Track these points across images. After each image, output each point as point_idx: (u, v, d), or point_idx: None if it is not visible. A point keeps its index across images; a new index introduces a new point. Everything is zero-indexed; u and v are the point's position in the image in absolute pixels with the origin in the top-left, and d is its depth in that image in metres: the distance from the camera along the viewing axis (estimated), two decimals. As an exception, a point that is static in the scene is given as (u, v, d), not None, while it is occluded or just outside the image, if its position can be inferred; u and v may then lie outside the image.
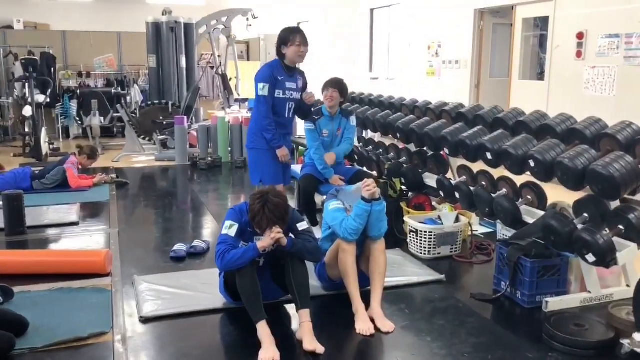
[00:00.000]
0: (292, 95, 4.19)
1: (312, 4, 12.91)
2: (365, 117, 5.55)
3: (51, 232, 4.78)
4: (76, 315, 3.12)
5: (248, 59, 13.58)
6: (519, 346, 2.90)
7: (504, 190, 3.87)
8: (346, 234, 3.13)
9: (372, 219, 3.17)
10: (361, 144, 5.92)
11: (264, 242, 2.90)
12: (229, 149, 8.21)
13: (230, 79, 10.45)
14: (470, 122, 4.30)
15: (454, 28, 8.65)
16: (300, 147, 6.93)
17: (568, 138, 3.50)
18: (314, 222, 4.58)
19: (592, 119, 3.50)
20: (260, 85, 4.07)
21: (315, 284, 3.41)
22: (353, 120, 4.85)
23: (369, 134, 6.37)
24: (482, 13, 8.27)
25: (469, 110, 4.44)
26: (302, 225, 3.12)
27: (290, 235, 3.08)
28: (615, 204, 3.23)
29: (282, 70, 4.12)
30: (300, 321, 2.87)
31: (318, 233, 3.65)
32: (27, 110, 8.40)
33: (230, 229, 2.99)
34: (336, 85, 4.61)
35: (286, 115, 4.25)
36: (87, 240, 4.55)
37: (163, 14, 9.51)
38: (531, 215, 3.60)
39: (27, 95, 8.64)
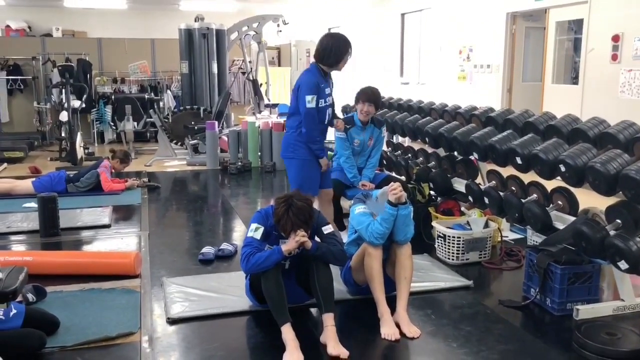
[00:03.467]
0: (329, 101, 4.09)
1: (342, 10, 12.94)
2: (394, 122, 5.53)
3: (84, 234, 4.88)
4: (105, 315, 3.17)
5: (279, 65, 13.68)
6: (548, 354, 2.84)
7: (534, 195, 3.80)
8: (372, 238, 3.12)
9: (399, 223, 3.14)
10: (390, 148, 5.90)
11: (288, 246, 2.91)
12: (259, 153, 8.26)
13: (261, 84, 10.53)
14: (500, 126, 4.25)
15: (485, 32, 8.55)
16: (329, 152, 6.95)
17: (600, 142, 3.43)
18: (341, 227, 4.58)
19: (625, 123, 3.42)
20: (309, 97, 3.93)
21: (340, 288, 3.41)
22: (384, 131, 4.85)
23: (398, 138, 6.34)
24: (515, 17, 8.15)
25: (499, 115, 4.38)
26: (328, 229, 3.12)
27: (316, 238, 3.08)
28: (649, 210, 3.14)
29: (321, 77, 4.00)
30: (325, 325, 2.86)
31: (345, 237, 3.64)
32: (64, 116, 8.61)
33: (256, 231, 3.01)
34: (372, 99, 4.52)
35: (326, 122, 4.13)
36: (118, 243, 4.63)
37: (195, 21, 9.65)
38: (562, 221, 3.53)
39: (64, 100, 8.85)
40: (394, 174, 5.45)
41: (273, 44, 12.91)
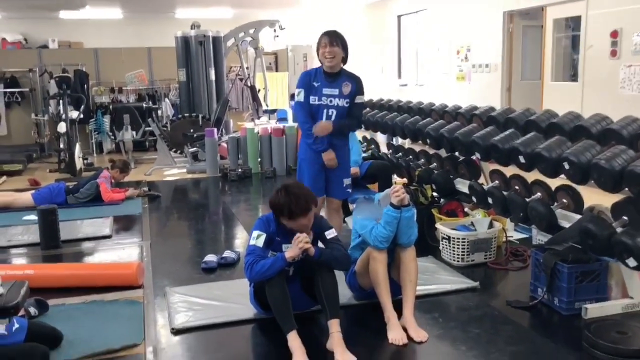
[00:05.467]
0: (331, 101, 3.92)
1: (338, 14, 12.93)
2: (394, 124, 5.50)
3: (85, 245, 4.84)
4: (109, 327, 3.14)
5: (276, 70, 13.65)
6: (558, 355, 2.81)
7: (539, 194, 3.77)
8: (376, 241, 3.08)
9: (402, 225, 3.11)
10: (391, 150, 5.87)
11: (292, 252, 2.87)
12: (259, 159, 8.23)
13: (259, 90, 10.50)
14: (502, 125, 4.22)
15: (482, 31, 8.54)
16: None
17: (604, 139, 3.40)
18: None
19: (629, 119, 3.40)
20: (297, 91, 4.01)
21: (345, 293, 3.37)
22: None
23: (398, 140, 6.31)
24: (511, 15, 8.14)
25: (500, 114, 4.35)
26: (331, 234, 3.08)
27: (319, 244, 3.05)
28: (656, 206, 3.11)
29: (322, 76, 3.94)
30: (331, 331, 2.82)
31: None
32: (62, 127, 8.58)
33: (258, 239, 2.98)
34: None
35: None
36: (120, 253, 4.59)
37: (192, 28, 9.63)
38: (567, 219, 3.49)
39: (62, 112, 8.83)
40: (395, 177, 5.41)
41: (270, 49, 12.86)
